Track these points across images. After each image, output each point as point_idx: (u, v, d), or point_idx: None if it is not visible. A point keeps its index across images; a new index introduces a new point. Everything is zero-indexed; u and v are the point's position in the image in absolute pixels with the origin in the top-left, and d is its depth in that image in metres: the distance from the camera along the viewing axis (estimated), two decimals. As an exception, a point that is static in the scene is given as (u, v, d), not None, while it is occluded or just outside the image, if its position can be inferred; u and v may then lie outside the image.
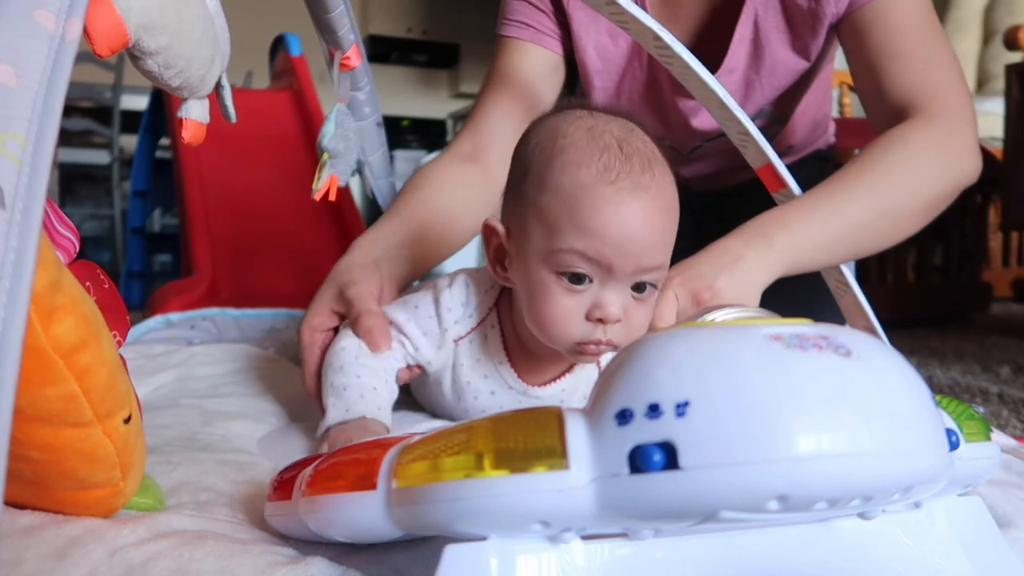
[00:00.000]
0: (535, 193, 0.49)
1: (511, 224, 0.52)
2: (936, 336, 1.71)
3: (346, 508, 0.29)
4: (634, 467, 0.22)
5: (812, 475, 0.21)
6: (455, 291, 0.57)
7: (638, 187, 0.47)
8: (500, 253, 0.53)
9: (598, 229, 0.46)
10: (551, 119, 0.52)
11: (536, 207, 0.49)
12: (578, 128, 0.49)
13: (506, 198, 0.53)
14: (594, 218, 0.46)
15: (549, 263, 0.48)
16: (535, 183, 0.49)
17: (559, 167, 0.48)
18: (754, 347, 0.23)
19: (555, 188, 0.48)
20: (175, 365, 0.81)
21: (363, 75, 0.86)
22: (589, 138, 0.48)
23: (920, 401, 0.24)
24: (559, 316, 0.48)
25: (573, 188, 0.47)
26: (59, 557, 0.31)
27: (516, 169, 0.52)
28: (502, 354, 0.57)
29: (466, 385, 0.59)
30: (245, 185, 1.66)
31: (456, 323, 0.57)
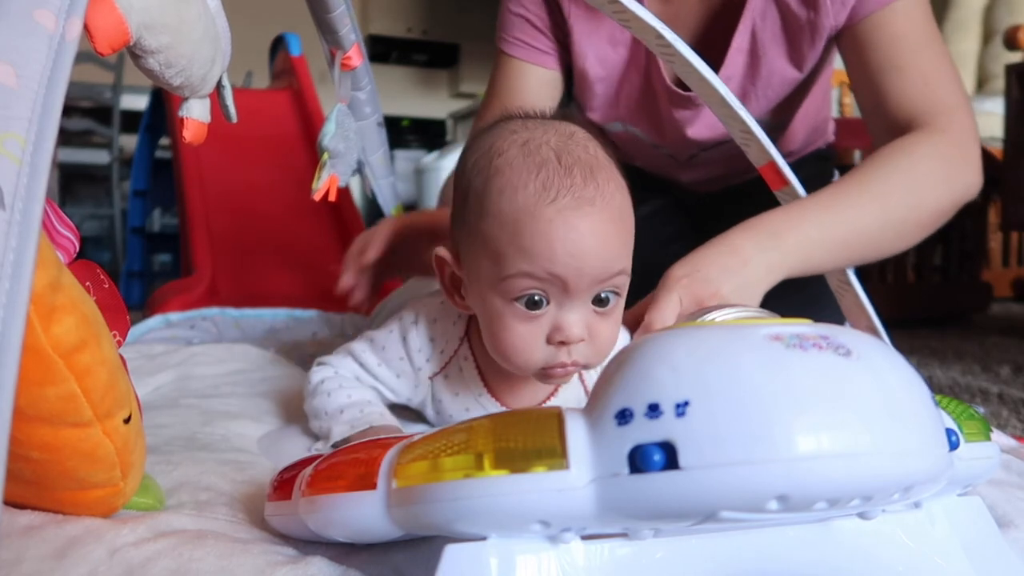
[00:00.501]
0: (476, 220, 0.46)
1: (459, 251, 0.49)
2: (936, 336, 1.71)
3: (346, 508, 0.29)
4: (634, 467, 0.22)
5: (812, 475, 0.21)
6: (420, 328, 0.55)
7: (581, 202, 0.44)
8: (455, 281, 0.51)
9: (545, 253, 0.43)
10: (487, 135, 0.49)
11: (479, 235, 0.46)
12: (512, 144, 0.46)
13: (452, 223, 0.51)
14: (538, 243, 0.43)
15: (500, 291, 0.45)
16: (475, 209, 0.46)
17: (496, 191, 0.45)
18: (754, 347, 0.23)
19: (494, 214, 0.45)
20: (175, 365, 0.81)
21: (364, 75, 0.86)
22: (524, 154, 0.45)
23: (920, 401, 0.24)
24: (519, 344, 0.46)
25: (513, 213, 0.44)
26: (59, 557, 0.31)
27: (457, 192, 0.50)
28: (480, 385, 0.55)
29: (449, 419, 0.58)
30: (245, 185, 1.66)
31: (428, 361, 0.55)
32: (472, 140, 0.51)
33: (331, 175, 0.82)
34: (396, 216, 1.06)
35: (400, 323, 0.56)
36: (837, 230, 0.57)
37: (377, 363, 0.56)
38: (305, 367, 0.87)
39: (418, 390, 0.57)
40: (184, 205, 1.56)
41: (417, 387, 0.57)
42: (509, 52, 0.83)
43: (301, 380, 0.79)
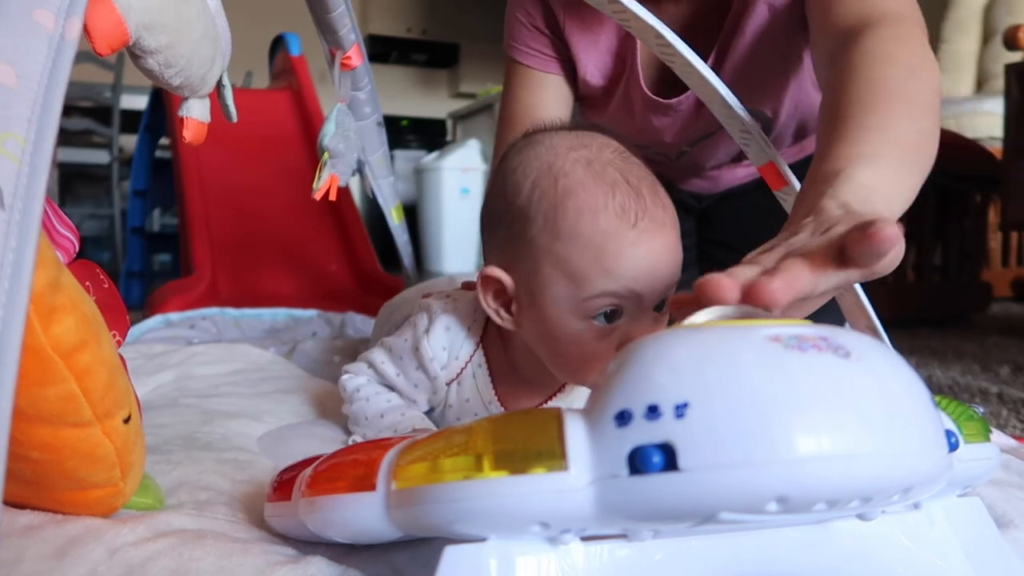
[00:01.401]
0: (548, 241, 0.46)
1: (517, 271, 0.49)
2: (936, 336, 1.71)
3: (345, 509, 0.29)
4: (633, 468, 0.22)
5: (811, 476, 0.21)
6: (434, 338, 0.55)
7: (656, 224, 0.46)
8: (503, 299, 0.50)
9: (627, 273, 0.45)
10: (539, 152, 0.49)
11: (554, 256, 0.46)
12: (575, 164, 0.47)
13: (501, 241, 0.50)
14: (622, 264, 0.45)
15: (580, 311, 0.46)
16: (546, 231, 0.46)
17: (573, 213, 0.46)
18: (753, 348, 0.23)
19: (574, 236, 0.46)
20: (174, 365, 0.81)
21: (364, 75, 0.86)
22: (592, 176, 0.46)
23: (919, 402, 0.24)
24: (594, 359, 0.47)
25: (595, 236, 0.45)
26: (59, 556, 0.31)
27: (510, 211, 0.49)
28: (491, 393, 0.56)
29: (455, 421, 0.58)
30: (245, 185, 1.66)
31: (443, 369, 0.56)
32: (517, 156, 0.50)
33: (331, 175, 0.82)
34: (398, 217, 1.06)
35: (413, 332, 0.56)
36: (905, 156, 0.49)
37: (396, 373, 0.57)
38: (306, 367, 0.87)
39: (436, 397, 0.57)
40: (184, 205, 1.56)
41: (435, 394, 0.57)
42: (521, 60, 0.83)
43: (300, 380, 0.80)
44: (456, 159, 3.19)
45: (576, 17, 0.79)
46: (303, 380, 0.80)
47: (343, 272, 1.54)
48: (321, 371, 0.85)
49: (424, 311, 0.57)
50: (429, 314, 0.56)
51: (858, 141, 0.48)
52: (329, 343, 0.99)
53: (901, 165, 0.48)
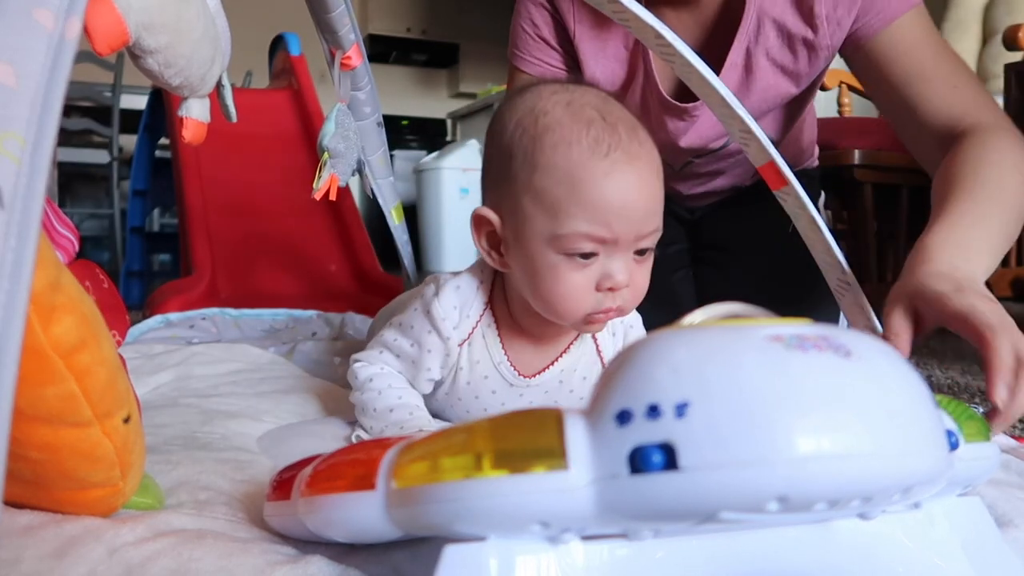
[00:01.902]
0: (527, 176, 0.49)
1: (503, 210, 0.51)
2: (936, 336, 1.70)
3: (345, 509, 0.29)
4: (634, 468, 0.22)
5: (812, 476, 0.21)
6: (445, 298, 0.56)
7: (630, 156, 0.47)
8: (493, 240, 0.53)
9: (600, 204, 0.47)
10: (524, 98, 0.51)
11: (532, 190, 0.48)
12: (556, 104, 0.49)
13: (491, 184, 0.53)
14: (594, 193, 0.46)
15: (556, 243, 0.48)
16: (525, 166, 0.49)
17: (549, 147, 0.48)
18: (754, 348, 0.23)
19: (549, 168, 0.48)
20: (174, 365, 0.81)
21: (363, 75, 0.86)
22: (570, 113, 0.49)
23: (920, 402, 0.24)
24: (570, 293, 0.49)
25: (569, 167, 0.47)
26: (58, 556, 0.31)
27: (497, 153, 0.52)
28: (500, 353, 0.57)
29: (465, 386, 0.59)
30: (244, 185, 1.66)
31: (455, 328, 0.56)
32: (506, 104, 0.53)
33: (331, 175, 0.82)
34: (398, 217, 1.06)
35: (422, 299, 0.58)
36: (994, 241, 0.58)
37: (410, 344, 0.57)
38: (306, 367, 0.87)
39: (448, 359, 0.57)
40: (183, 205, 1.56)
41: (448, 356, 0.57)
42: (524, 69, 0.84)
43: (300, 380, 0.80)
44: (456, 159, 3.18)
45: (586, 24, 0.80)
46: (303, 380, 0.80)
47: (343, 272, 1.54)
48: (321, 371, 0.85)
49: (431, 282, 0.59)
50: (437, 283, 0.58)
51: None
52: (329, 343, 0.99)
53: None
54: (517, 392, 0.59)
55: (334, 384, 0.78)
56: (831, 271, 0.58)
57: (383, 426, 0.56)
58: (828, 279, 0.62)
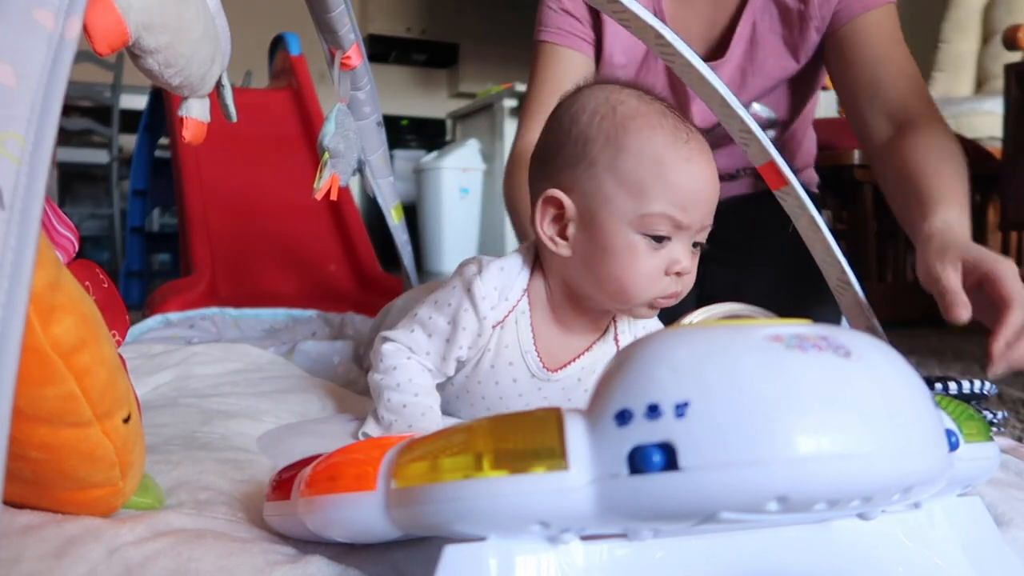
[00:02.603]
0: (610, 158, 0.51)
1: (577, 192, 0.53)
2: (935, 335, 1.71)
3: (345, 509, 0.29)
4: (633, 468, 0.22)
5: (811, 476, 0.21)
6: (488, 277, 0.57)
7: (703, 146, 0.52)
8: (558, 225, 0.54)
9: (681, 187, 0.50)
10: (594, 93, 0.54)
11: (616, 171, 0.51)
12: (628, 96, 0.53)
13: (558, 169, 0.54)
14: (678, 176, 0.50)
15: (638, 225, 0.51)
16: (608, 148, 0.51)
17: (635, 131, 0.51)
18: (754, 348, 0.23)
19: (636, 151, 0.50)
20: (174, 364, 0.81)
21: (363, 74, 0.86)
22: (645, 104, 0.52)
23: (919, 401, 0.24)
24: (644, 275, 0.52)
25: (655, 149, 0.50)
26: (58, 556, 0.31)
27: (570, 140, 0.53)
28: (530, 341, 0.58)
29: (489, 369, 0.59)
30: (244, 184, 1.66)
31: (492, 309, 0.57)
32: (576, 98, 0.55)
33: (332, 175, 0.82)
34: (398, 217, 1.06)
35: (462, 277, 0.58)
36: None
37: (446, 321, 0.58)
38: (306, 367, 0.87)
39: (480, 340, 0.58)
40: (183, 205, 1.56)
41: (480, 337, 0.58)
42: (549, 39, 0.90)
43: (300, 379, 0.80)
44: (456, 159, 3.18)
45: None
46: (302, 380, 0.80)
47: (343, 272, 1.54)
48: (320, 371, 0.85)
49: (472, 263, 0.59)
50: (479, 263, 0.59)
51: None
52: (328, 343, 0.99)
53: None
54: (536, 385, 0.59)
55: (334, 384, 0.78)
56: (831, 271, 0.58)
57: (393, 419, 0.56)
58: (828, 279, 0.62)
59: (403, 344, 0.59)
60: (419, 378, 0.58)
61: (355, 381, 0.80)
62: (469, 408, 0.63)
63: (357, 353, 0.90)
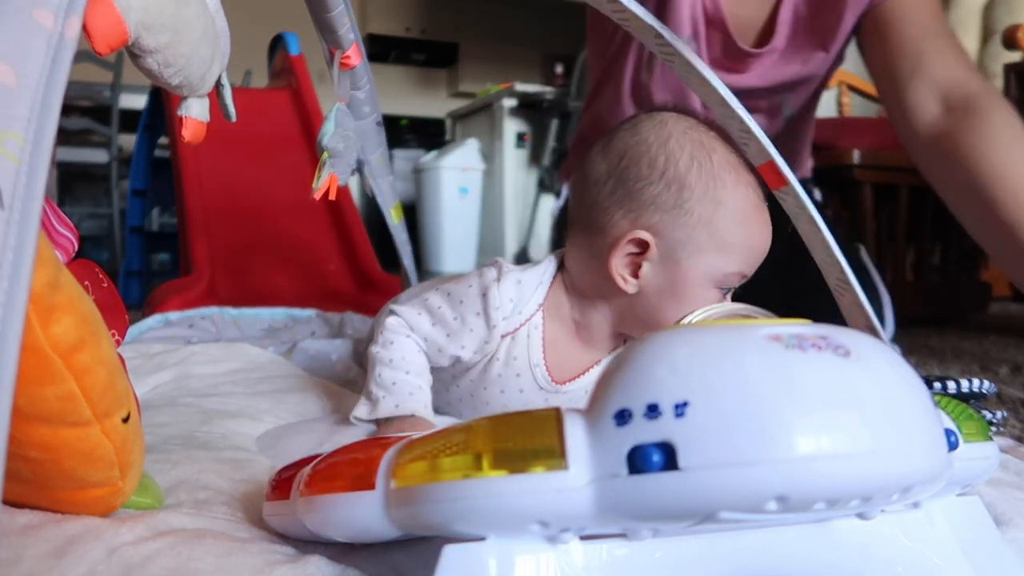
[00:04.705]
0: (708, 211, 0.51)
1: (664, 236, 0.52)
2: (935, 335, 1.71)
3: (344, 508, 0.29)
4: (633, 467, 0.22)
5: (811, 476, 0.21)
6: (505, 287, 0.56)
7: (764, 200, 0.53)
8: (632, 262, 0.53)
9: (758, 247, 0.52)
10: (686, 133, 0.53)
11: (711, 227, 0.51)
12: (717, 141, 0.53)
13: (651, 208, 0.52)
14: (758, 237, 0.52)
15: (718, 280, 0.51)
16: (706, 201, 0.51)
17: (732, 186, 0.51)
18: (753, 347, 0.23)
19: (732, 208, 0.51)
20: (173, 364, 0.81)
21: (363, 74, 0.85)
22: (732, 154, 0.52)
23: (919, 401, 0.24)
24: None
25: (747, 209, 0.51)
26: (57, 556, 0.31)
27: (661, 179, 0.52)
28: (539, 355, 0.58)
29: (495, 378, 0.59)
30: (244, 184, 1.66)
31: (505, 319, 0.57)
32: (669, 131, 0.54)
33: (331, 174, 0.81)
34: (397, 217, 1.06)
35: (480, 279, 0.58)
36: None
37: (454, 317, 0.57)
38: (305, 366, 0.87)
39: (487, 346, 0.57)
40: (183, 204, 1.56)
41: (487, 343, 0.57)
42: None
43: (299, 379, 0.80)
44: (455, 159, 3.18)
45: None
46: (302, 380, 0.80)
47: (342, 271, 1.54)
48: (319, 369, 0.85)
49: (492, 266, 0.59)
50: (499, 268, 0.58)
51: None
52: (327, 342, 0.99)
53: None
54: (544, 396, 0.59)
55: (333, 383, 0.78)
56: (830, 271, 0.58)
57: (382, 395, 0.57)
58: (827, 279, 0.62)
59: (406, 321, 0.59)
60: (413, 356, 0.58)
61: (354, 380, 0.80)
62: (472, 412, 0.63)
63: (356, 352, 0.90)
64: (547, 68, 3.94)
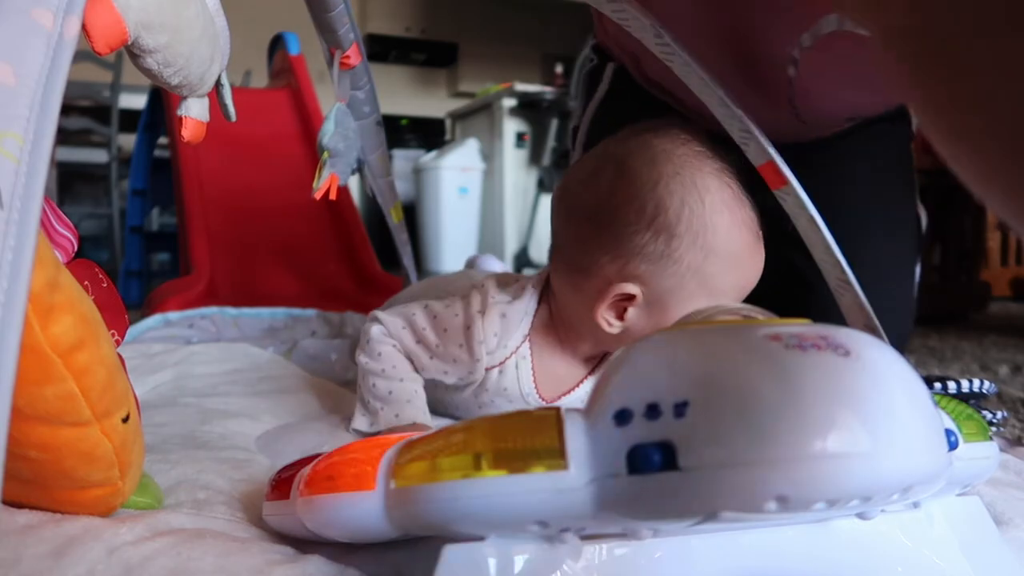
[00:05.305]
0: (698, 259, 0.49)
1: (651, 283, 0.50)
2: (935, 335, 1.71)
3: (344, 509, 0.29)
4: (632, 467, 0.22)
5: (811, 476, 0.21)
6: (488, 323, 0.55)
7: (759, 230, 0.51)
8: (618, 308, 0.52)
9: (749, 282, 0.51)
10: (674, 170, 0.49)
11: (701, 276, 0.49)
12: (710, 176, 0.49)
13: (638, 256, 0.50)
14: (750, 275, 0.51)
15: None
16: (696, 249, 0.49)
17: (723, 231, 0.49)
18: (753, 347, 0.23)
19: (723, 254, 0.49)
20: (173, 364, 0.81)
21: (363, 74, 0.85)
22: (727, 188, 0.50)
23: (919, 401, 0.24)
24: None
25: (738, 250, 0.50)
26: (57, 556, 0.31)
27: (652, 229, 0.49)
28: (530, 383, 0.57)
29: (490, 403, 0.59)
30: (243, 184, 1.66)
31: (489, 354, 0.56)
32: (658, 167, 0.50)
33: (331, 174, 0.81)
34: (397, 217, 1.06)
35: (466, 310, 0.56)
36: None
37: (436, 343, 0.56)
38: (305, 366, 0.87)
39: (470, 376, 0.57)
40: (182, 204, 1.56)
41: (470, 374, 0.57)
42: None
43: (299, 379, 0.80)
44: (455, 158, 3.18)
45: None
46: (302, 379, 0.80)
47: (342, 271, 1.54)
48: (318, 369, 0.85)
49: (479, 293, 0.57)
50: (485, 297, 0.56)
51: None
52: (326, 342, 0.99)
53: None
54: None
55: (333, 383, 0.78)
56: (831, 271, 0.58)
57: (379, 406, 0.57)
58: (828, 279, 0.62)
59: (390, 332, 0.58)
60: (403, 363, 0.58)
61: (354, 380, 0.79)
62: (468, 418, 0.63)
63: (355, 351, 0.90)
64: (547, 68, 3.94)
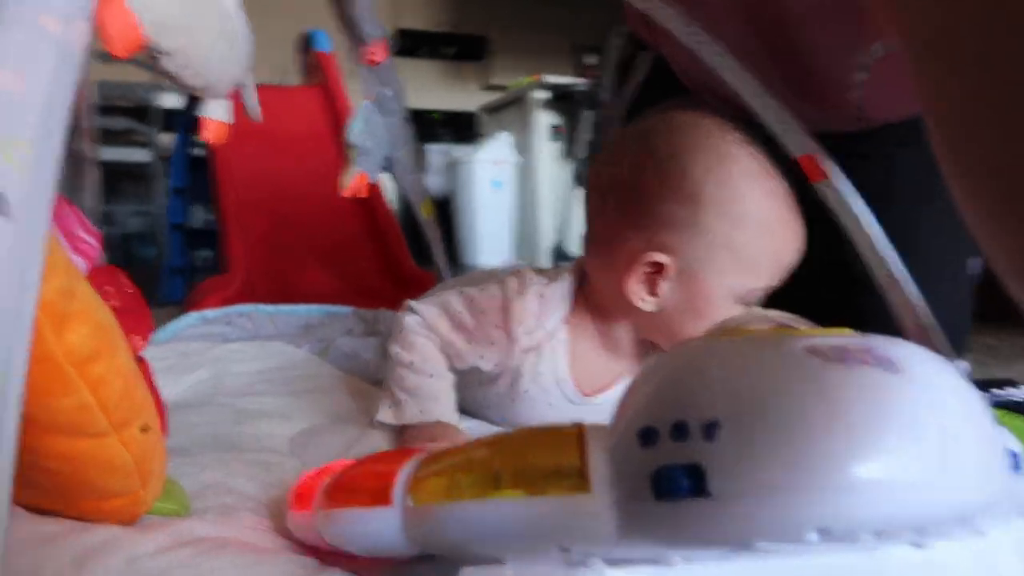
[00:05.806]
0: (726, 229, 0.48)
1: (681, 255, 0.49)
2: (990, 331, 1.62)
3: (361, 524, 0.28)
4: (659, 492, 0.21)
5: (855, 506, 0.19)
6: (527, 302, 0.54)
7: (793, 201, 0.49)
8: (649, 282, 0.51)
9: (785, 259, 0.49)
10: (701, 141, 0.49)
11: (731, 246, 0.48)
12: (739, 148, 0.49)
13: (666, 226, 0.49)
14: (786, 248, 0.49)
15: (743, 297, 0.49)
16: (723, 219, 0.48)
17: (754, 201, 0.48)
18: (791, 362, 0.21)
19: (753, 223, 0.48)
20: (210, 362, 0.82)
21: (389, 70, 0.85)
22: (755, 160, 0.49)
23: (976, 420, 0.22)
24: None
25: (771, 221, 0.48)
26: (77, 566, 0.31)
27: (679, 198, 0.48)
28: (566, 370, 0.56)
29: (523, 392, 0.57)
30: (278, 182, 1.68)
31: (527, 335, 0.55)
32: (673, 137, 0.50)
33: (360, 171, 0.81)
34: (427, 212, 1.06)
35: (503, 290, 0.55)
36: None
37: (472, 325, 0.56)
38: (340, 365, 0.87)
39: (506, 360, 0.56)
40: (219, 202, 1.59)
41: (506, 357, 0.55)
42: None
43: (333, 379, 0.80)
44: (488, 152, 3.17)
45: None
46: (336, 379, 0.80)
47: (376, 267, 1.55)
48: (354, 368, 0.85)
49: (516, 276, 0.56)
50: (522, 280, 0.56)
51: None
52: (363, 340, 0.99)
53: None
54: (574, 409, 0.57)
55: (367, 383, 0.78)
56: (878, 268, 0.55)
57: (405, 398, 0.55)
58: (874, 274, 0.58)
59: (425, 320, 0.57)
60: (434, 357, 0.57)
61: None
62: (499, 420, 0.61)
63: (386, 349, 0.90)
64: (576, 58, 3.89)
